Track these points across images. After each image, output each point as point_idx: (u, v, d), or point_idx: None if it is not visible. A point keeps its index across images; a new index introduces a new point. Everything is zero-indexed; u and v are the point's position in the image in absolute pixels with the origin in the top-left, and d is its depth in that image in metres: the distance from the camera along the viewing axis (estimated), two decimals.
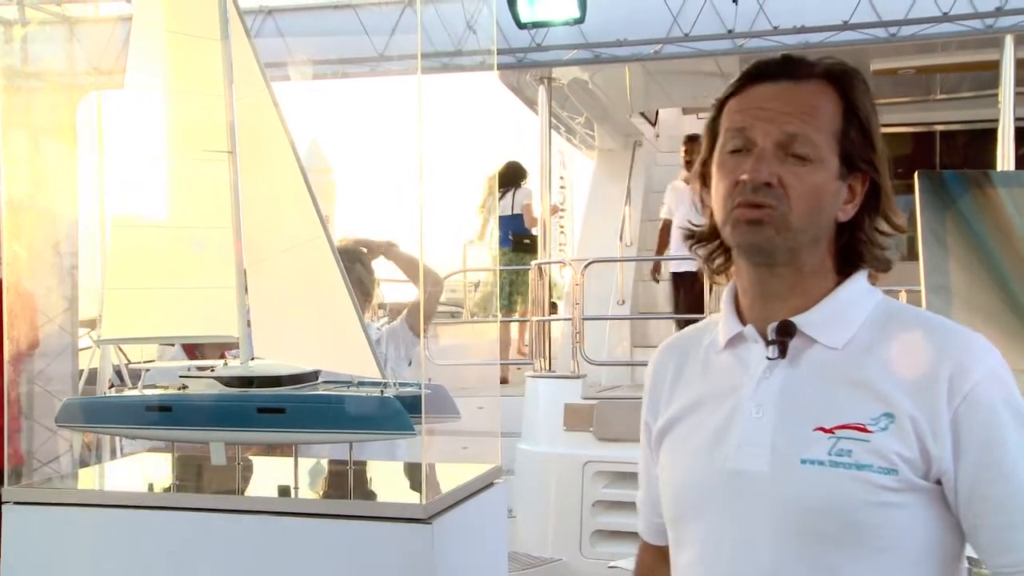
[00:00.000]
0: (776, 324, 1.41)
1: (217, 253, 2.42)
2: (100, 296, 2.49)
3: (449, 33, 5.99)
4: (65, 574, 2.28)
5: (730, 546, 1.39)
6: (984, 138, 6.97)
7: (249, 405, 2.29)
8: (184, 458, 2.50)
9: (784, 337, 1.40)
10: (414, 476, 2.61)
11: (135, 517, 2.25)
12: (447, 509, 2.15)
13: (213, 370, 2.40)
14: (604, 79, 8.17)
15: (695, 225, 1.54)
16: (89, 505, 2.31)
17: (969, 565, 1.47)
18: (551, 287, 7.77)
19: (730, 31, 6.11)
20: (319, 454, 2.73)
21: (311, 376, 2.38)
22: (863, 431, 1.32)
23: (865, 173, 1.41)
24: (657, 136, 10.36)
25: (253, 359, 2.42)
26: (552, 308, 7.71)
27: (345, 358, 2.30)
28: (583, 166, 11.13)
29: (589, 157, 10.47)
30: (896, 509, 1.31)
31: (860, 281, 1.44)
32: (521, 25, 6.07)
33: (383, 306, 3.94)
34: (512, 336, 9.11)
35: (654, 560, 1.66)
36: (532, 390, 6.76)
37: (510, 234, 8.94)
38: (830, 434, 1.33)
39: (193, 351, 3.41)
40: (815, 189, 1.37)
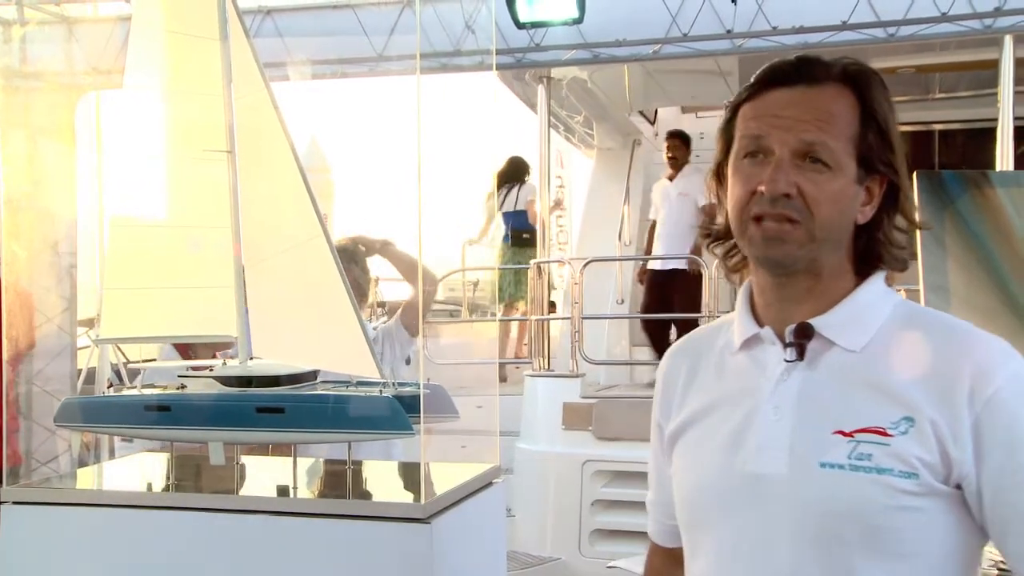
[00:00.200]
0: (794, 326, 1.39)
1: (216, 253, 2.42)
2: (99, 296, 2.49)
3: (448, 33, 5.99)
4: (64, 574, 2.28)
5: (747, 549, 1.37)
6: (983, 137, 6.95)
7: (248, 405, 2.29)
8: (182, 458, 2.50)
9: (802, 339, 1.38)
10: (413, 476, 2.61)
11: (134, 517, 2.25)
12: (446, 509, 2.15)
13: (212, 370, 2.41)
14: (603, 78, 8.16)
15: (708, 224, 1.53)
16: (88, 505, 2.31)
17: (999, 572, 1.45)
18: (550, 286, 7.76)
19: (729, 31, 6.10)
20: (318, 454, 2.73)
21: (310, 376, 2.38)
22: (883, 435, 1.30)
23: (883, 175, 1.39)
24: (656, 135, 10.34)
25: (252, 359, 2.42)
26: (551, 307, 7.70)
27: (344, 358, 2.30)
28: (582, 165, 11.12)
29: (588, 156, 10.46)
30: (916, 513, 1.30)
31: (878, 283, 1.43)
32: (520, 25, 6.05)
33: (382, 304, 3.94)
34: (511, 335, 9.10)
35: (663, 563, 1.65)
36: (531, 389, 6.75)
37: (510, 229, 8.93)
38: (849, 437, 1.32)
39: (186, 351, 3.41)
40: (834, 196, 1.35)
